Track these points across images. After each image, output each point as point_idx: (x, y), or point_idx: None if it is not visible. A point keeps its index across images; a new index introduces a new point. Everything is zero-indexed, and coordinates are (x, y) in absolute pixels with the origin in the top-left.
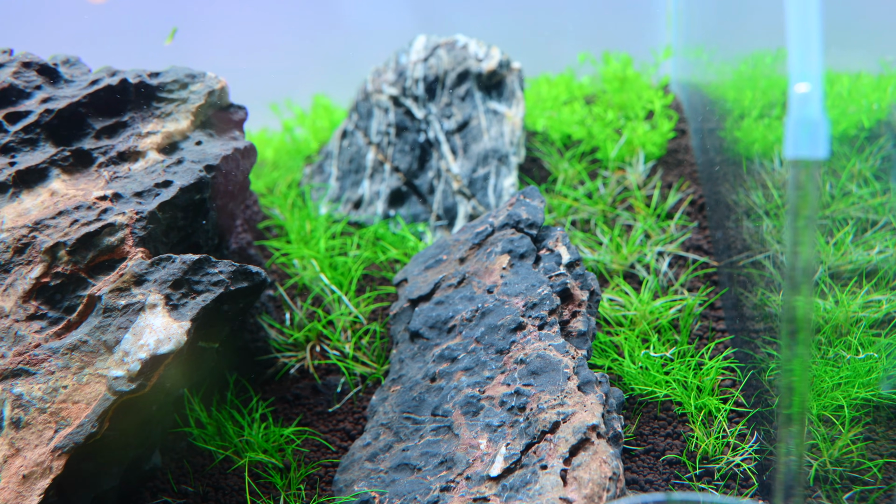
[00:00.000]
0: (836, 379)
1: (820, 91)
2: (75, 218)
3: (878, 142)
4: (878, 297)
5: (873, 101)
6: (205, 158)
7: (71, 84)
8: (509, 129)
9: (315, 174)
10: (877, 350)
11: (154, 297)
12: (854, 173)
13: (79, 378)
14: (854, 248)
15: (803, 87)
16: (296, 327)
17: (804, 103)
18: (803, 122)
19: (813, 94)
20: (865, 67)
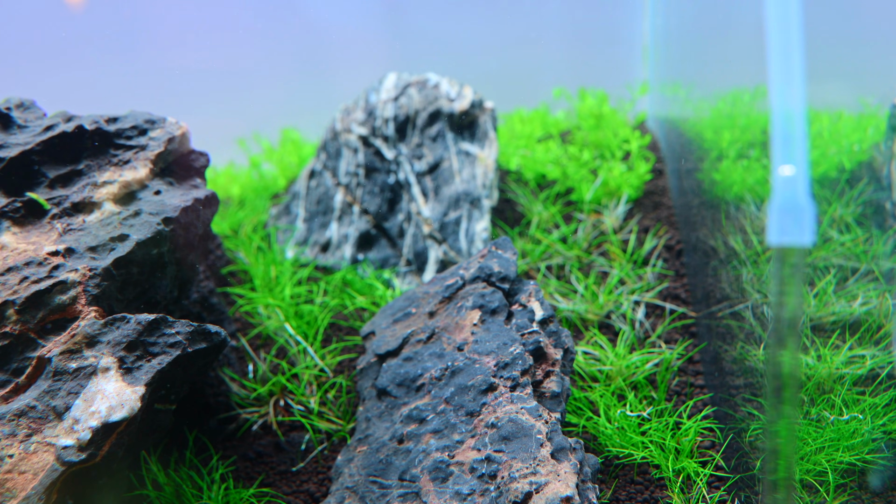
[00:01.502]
0: (820, 442)
1: (805, 174)
2: (25, 275)
3: (859, 185)
4: (861, 353)
5: (854, 142)
6: (163, 210)
7: (24, 130)
8: (482, 172)
9: (282, 215)
10: (861, 410)
11: (107, 360)
12: (835, 218)
13: (26, 447)
14: (836, 298)
15: (788, 169)
16: (259, 381)
17: (789, 187)
18: (788, 207)
19: (798, 177)
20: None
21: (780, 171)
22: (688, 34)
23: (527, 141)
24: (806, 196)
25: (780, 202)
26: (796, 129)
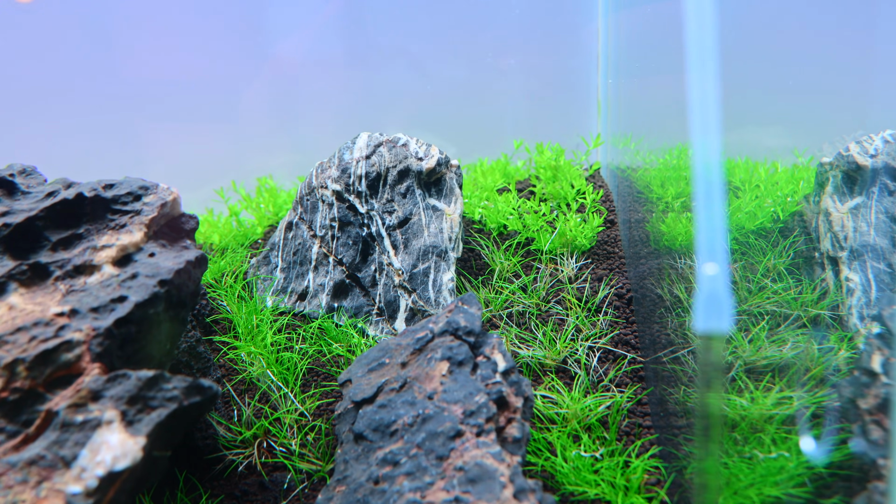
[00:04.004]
0: (751, 478)
1: (726, 272)
2: (34, 335)
3: (791, 237)
4: (790, 394)
5: (787, 194)
6: (158, 273)
7: (28, 196)
8: (448, 226)
9: (261, 265)
10: (787, 448)
11: (110, 413)
12: (769, 268)
13: (37, 492)
14: (768, 343)
15: (711, 268)
16: (244, 424)
17: (712, 283)
18: (711, 298)
19: (719, 275)
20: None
21: (704, 270)
22: (636, 91)
23: (489, 193)
24: (725, 289)
25: (705, 294)
26: (717, 237)
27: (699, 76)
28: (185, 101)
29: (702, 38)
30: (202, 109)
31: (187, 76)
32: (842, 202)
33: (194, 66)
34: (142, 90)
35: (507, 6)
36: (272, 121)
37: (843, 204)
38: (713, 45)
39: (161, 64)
